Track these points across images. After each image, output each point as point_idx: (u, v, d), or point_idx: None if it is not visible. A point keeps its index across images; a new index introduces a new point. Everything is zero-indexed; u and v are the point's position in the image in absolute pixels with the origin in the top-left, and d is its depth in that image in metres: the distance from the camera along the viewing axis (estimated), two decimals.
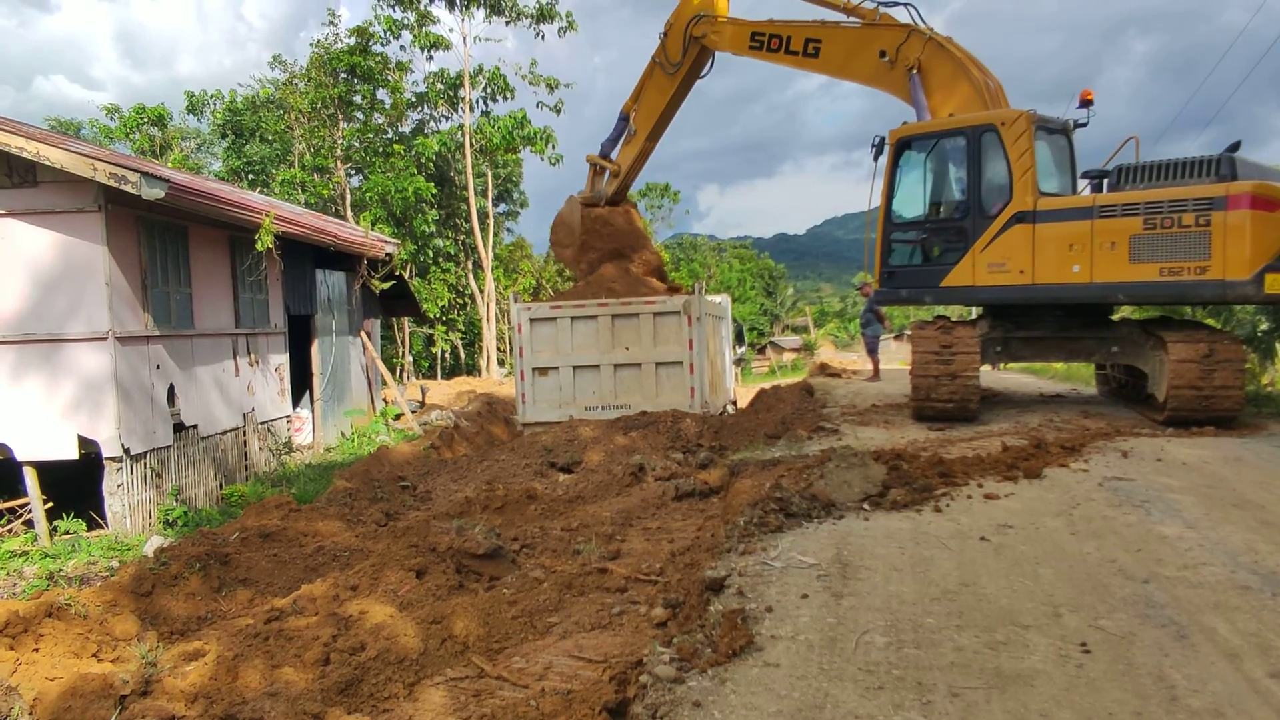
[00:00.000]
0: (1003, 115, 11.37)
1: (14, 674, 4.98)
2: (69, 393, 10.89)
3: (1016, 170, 11.16)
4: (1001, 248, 11.29)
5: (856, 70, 13.43)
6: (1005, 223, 11.28)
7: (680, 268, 59.45)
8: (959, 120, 11.76)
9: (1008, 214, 11.26)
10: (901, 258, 12.21)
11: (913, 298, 12.34)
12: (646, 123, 16.71)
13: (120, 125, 38.90)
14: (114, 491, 11.04)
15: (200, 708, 4.59)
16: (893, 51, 12.69)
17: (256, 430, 14.75)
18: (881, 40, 12.90)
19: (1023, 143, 11.17)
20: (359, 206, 34.99)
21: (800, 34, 13.95)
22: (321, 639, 5.38)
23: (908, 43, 12.55)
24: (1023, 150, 11.15)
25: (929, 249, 12.13)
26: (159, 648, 5.88)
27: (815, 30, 13.80)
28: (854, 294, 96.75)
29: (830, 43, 13.69)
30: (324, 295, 17.88)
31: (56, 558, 9.92)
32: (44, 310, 10.88)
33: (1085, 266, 10.92)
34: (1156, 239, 10.48)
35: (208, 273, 13.48)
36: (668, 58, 15.84)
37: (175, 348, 12.33)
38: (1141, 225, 10.56)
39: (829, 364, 24.95)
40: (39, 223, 10.81)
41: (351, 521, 9.10)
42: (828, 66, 13.80)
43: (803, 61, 14.05)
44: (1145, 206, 10.54)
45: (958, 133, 11.72)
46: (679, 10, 15.72)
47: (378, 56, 34.55)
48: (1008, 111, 11.40)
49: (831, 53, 13.65)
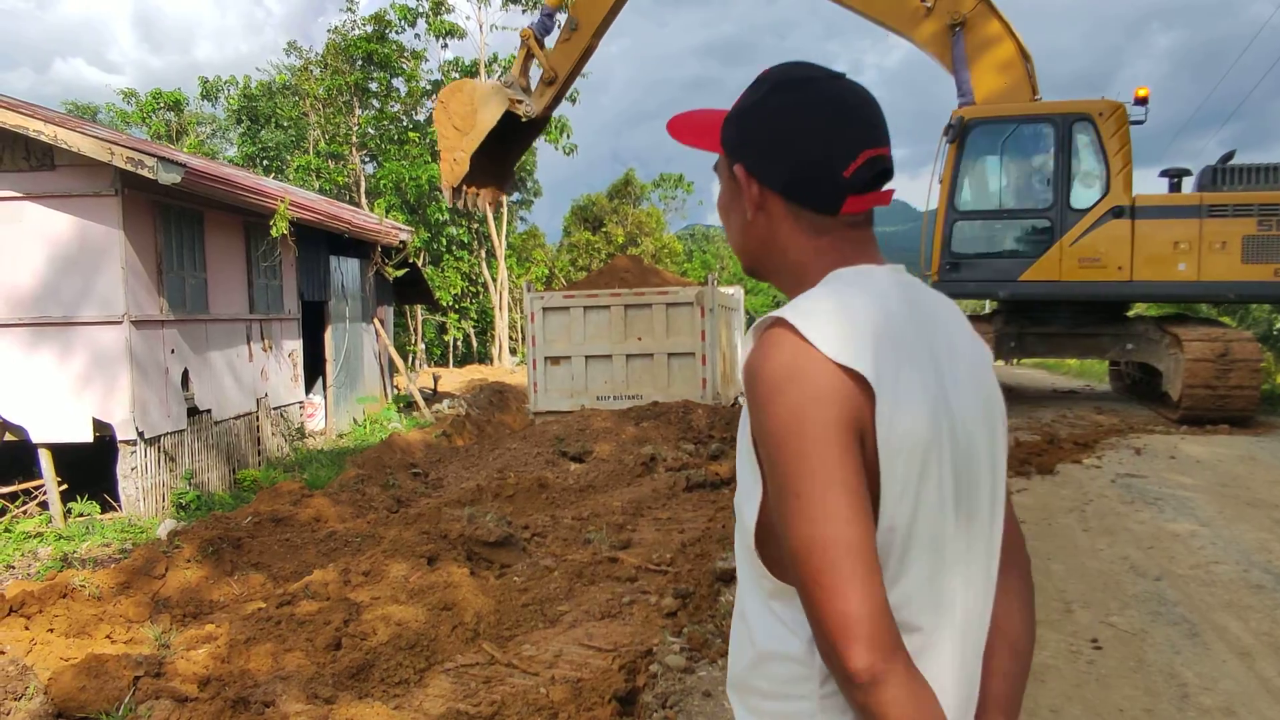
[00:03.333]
0: (1099, 105, 11.02)
1: (29, 654, 5.02)
2: (84, 375, 10.95)
3: (1114, 163, 10.89)
4: (1095, 243, 10.98)
5: (886, 7, 11.91)
6: (1100, 217, 11.00)
7: (693, 258, 59.34)
8: (1046, 106, 11.33)
9: (1103, 208, 10.96)
10: (967, 247, 11.63)
11: (983, 291, 11.87)
12: (595, 10, 12.75)
13: (137, 110, 38.99)
14: (128, 474, 11.10)
15: (212, 690, 4.62)
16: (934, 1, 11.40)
17: (269, 415, 14.81)
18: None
19: (1122, 135, 10.92)
20: (373, 194, 35.03)
21: None
22: (333, 624, 5.41)
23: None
24: (1121, 143, 10.89)
25: (1001, 240, 11.80)
26: (172, 630, 5.92)
27: None
28: None
29: None
30: (338, 282, 17.92)
31: (70, 539, 9.99)
32: (60, 293, 10.93)
33: (1192, 265, 10.77)
34: (1272, 240, 10.48)
35: (222, 258, 13.52)
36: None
37: (190, 332, 12.38)
38: (1256, 226, 10.51)
39: None
40: (56, 206, 10.86)
41: (363, 507, 9.13)
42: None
43: None
44: (1260, 208, 10.51)
45: (1044, 120, 11.22)
46: None
47: (394, 44, 34.53)
48: (1104, 102, 11.06)
49: None
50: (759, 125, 1.39)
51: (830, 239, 1.38)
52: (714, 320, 14.44)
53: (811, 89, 1.37)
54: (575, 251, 47.51)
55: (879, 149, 1.35)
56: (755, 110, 1.40)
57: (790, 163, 1.36)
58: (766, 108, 1.39)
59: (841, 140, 1.34)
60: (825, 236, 1.38)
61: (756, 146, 1.40)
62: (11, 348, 10.90)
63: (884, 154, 1.36)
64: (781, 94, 1.38)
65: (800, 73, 1.40)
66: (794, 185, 1.37)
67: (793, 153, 1.36)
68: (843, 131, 1.34)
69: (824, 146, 1.34)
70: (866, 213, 1.40)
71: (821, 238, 1.38)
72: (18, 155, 10.83)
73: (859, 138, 1.34)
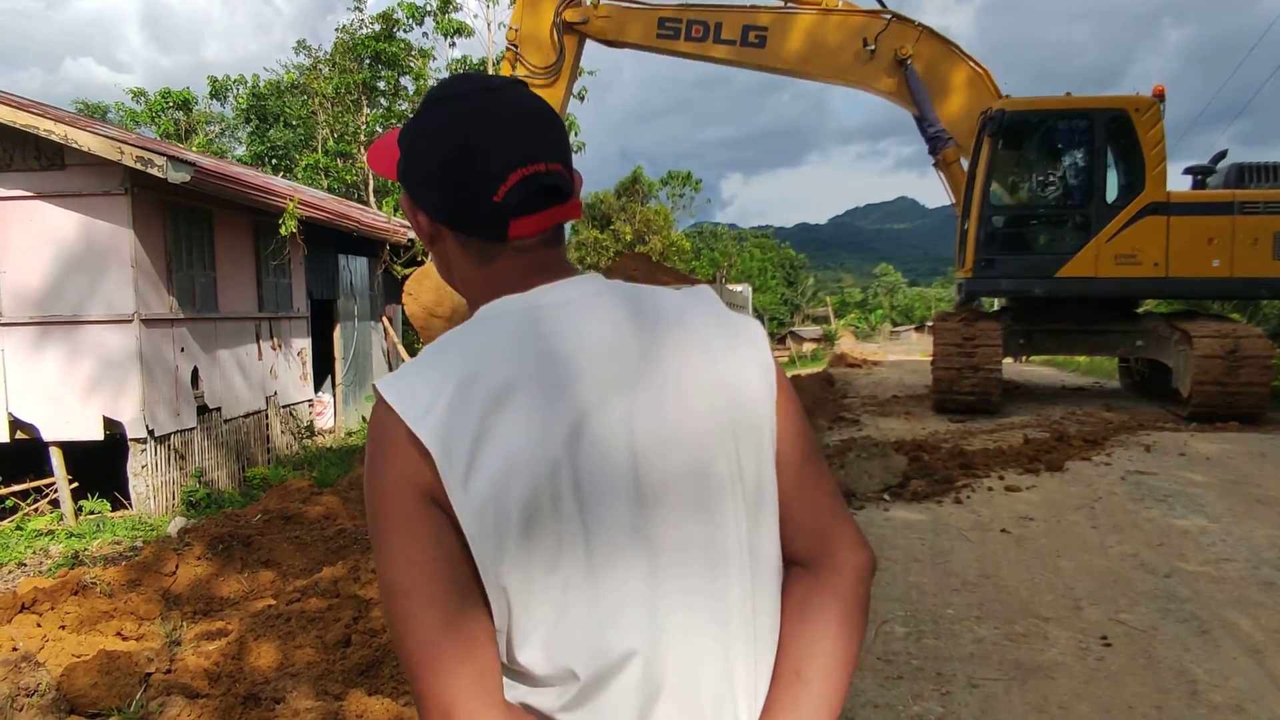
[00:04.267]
0: (1136, 101, 11.03)
1: (41, 650, 5.05)
2: (94, 374, 11.00)
3: (1151, 159, 10.92)
4: (1132, 239, 11.00)
5: (822, 63, 11.80)
6: (1136, 213, 11.01)
7: (701, 256, 59.36)
8: (1082, 101, 11.32)
9: (1139, 204, 10.97)
10: (1002, 244, 11.55)
11: (1017, 288, 11.77)
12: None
13: (146, 109, 39.13)
14: (138, 472, 11.15)
15: (223, 686, 4.64)
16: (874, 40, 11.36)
17: (279, 414, 14.86)
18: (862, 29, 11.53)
19: (1157, 131, 10.95)
20: (381, 192, 35.09)
21: (734, 20, 11.78)
22: (343, 620, 5.43)
23: (889, 30, 11.41)
24: (1157, 139, 10.92)
25: (1036, 236, 11.78)
26: (182, 626, 5.95)
27: (754, 16, 11.80)
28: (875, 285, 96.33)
29: (781, 31, 11.76)
30: (346, 280, 17.97)
31: (82, 537, 10.04)
32: (70, 292, 10.98)
33: (1226, 261, 10.85)
34: None
35: (232, 257, 13.56)
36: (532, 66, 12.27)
37: (199, 330, 12.42)
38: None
39: (849, 354, 24.83)
40: (66, 205, 10.91)
41: None
42: (775, 59, 11.91)
43: (738, 54, 11.91)
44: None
45: (1080, 114, 11.22)
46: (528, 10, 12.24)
47: (402, 42, 34.59)
48: (1140, 98, 11.07)
49: (782, 43, 11.77)
50: (412, 149, 1.29)
51: (500, 266, 1.26)
52: None
53: (459, 105, 1.25)
54: (583, 250, 47.53)
55: (534, 166, 1.22)
56: (410, 133, 1.30)
57: (443, 189, 1.25)
58: (420, 129, 1.28)
59: (487, 160, 1.21)
60: (494, 264, 1.26)
61: (413, 173, 1.29)
62: (22, 346, 10.95)
63: (540, 170, 1.22)
64: (433, 113, 1.27)
65: (455, 88, 1.29)
66: (451, 213, 1.26)
67: (442, 178, 1.24)
68: (488, 151, 1.21)
69: (470, 168, 1.22)
70: (550, 231, 1.27)
71: (489, 266, 1.26)
72: (28, 155, 10.89)
73: (507, 157, 1.21)
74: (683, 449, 1.19)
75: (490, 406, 1.11)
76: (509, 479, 1.10)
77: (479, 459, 1.10)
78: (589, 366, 1.17)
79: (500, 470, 1.10)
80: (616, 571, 1.15)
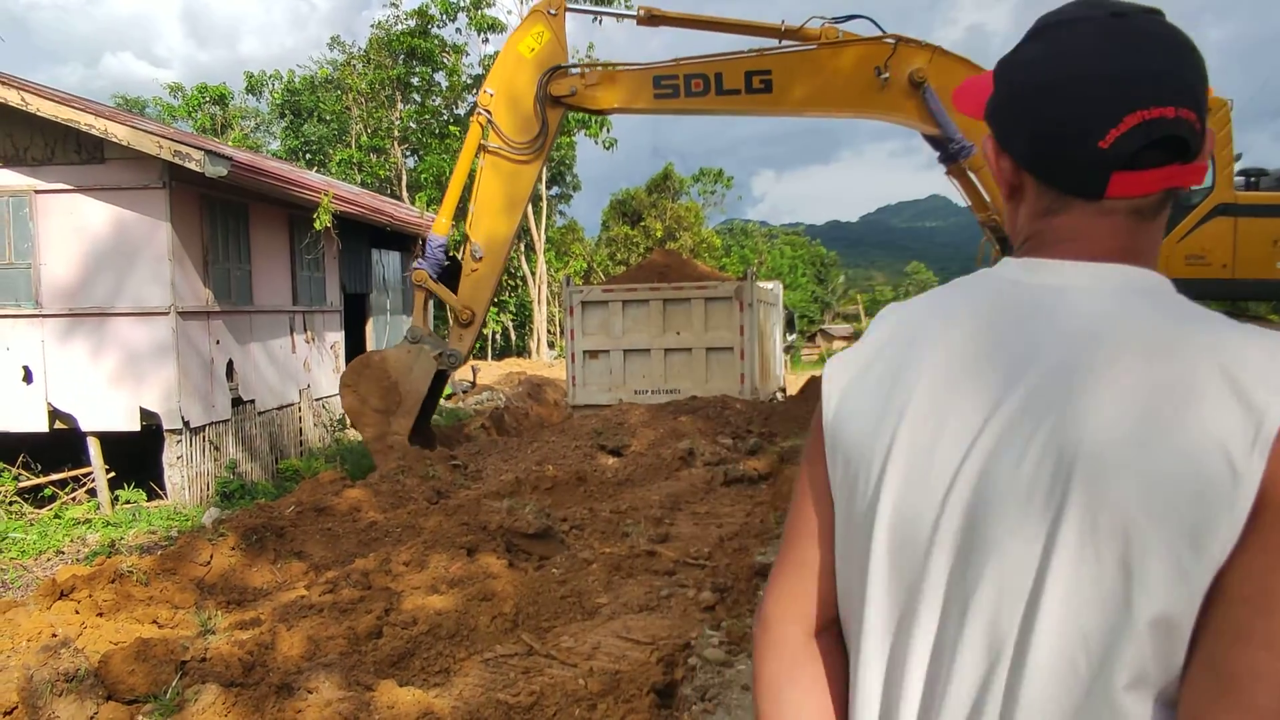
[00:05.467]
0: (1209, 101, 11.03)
1: (80, 637, 5.12)
2: (131, 365, 11.14)
3: (1220, 160, 10.85)
4: (1201, 240, 10.98)
5: (836, 98, 11.30)
6: (1207, 213, 10.98)
7: (731, 253, 59.23)
8: None
9: (1209, 205, 10.95)
10: None
11: None
12: (501, 237, 11.59)
13: (183, 104, 39.59)
14: (173, 463, 11.29)
15: (257, 675, 4.69)
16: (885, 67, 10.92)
17: (311, 406, 14.99)
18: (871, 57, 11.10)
19: (1228, 131, 10.89)
20: (414, 187, 35.31)
21: (735, 68, 11.10)
22: (374, 612, 5.47)
23: (899, 55, 11.02)
24: (1226, 140, 10.88)
25: None
26: (216, 616, 6.02)
27: (756, 61, 11.21)
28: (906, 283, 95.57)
29: (787, 72, 11.19)
30: (379, 275, 18.09)
31: (118, 526, 10.18)
32: (108, 284, 11.13)
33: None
34: None
35: (267, 250, 13.69)
36: (508, 139, 11.20)
37: (235, 323, 12.55)
38: None
39: None
40: (106, 198, 11.05)
41: (403, 498, 9.21)
42: (786, 101, 11.34)
43: (745, 102, 11.25)
44: None
45: None
46: (507, 73, 11.28)
47: (436, 38, 34.76)
48: (1214, 98, 11.06)
49: (791, 84, 11.24)
50: (1005, 83, 1.13)
51: (1060, 222, 1.09)
52: (753, 315, 14.40)
53: (1068, 31, 1.07)
54: (614, 246, 47.57)
55: (1159, 109, 1.01)
56: (1005, 65, 1.14)
57: (1035, 130, 1.08)
58: (1016, 60, 1.12)
59: (1097, 98, 1.02)
60: (1055, 218, 1.10)
61: (1002, 111, 1.14)
62: (61, 337, 11.12)
63: (1166, 116, 1.01)
64: (1033, 41, 1.10)
65: (1068, 12, 1.09)
66: (1039, 158, 1.09)
67: (1037, 117, 1.07)
68: (1100, 87, 1.02)
69: (1074, 106, 1.04)
70: (1157, 196, 1.07)
71: (1050, 219, 1.10)
72: (69, 149, 11.04)
73: (1124, 95, 1.01)
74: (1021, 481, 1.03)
75: (858, 372, 1.17)
76: (841, 438, 1.17)
77: (831, 413, 1.18)
78: (1001, 368, 1.04)
79: (840, 430, 1.17)
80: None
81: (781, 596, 1.25)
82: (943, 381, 1.06)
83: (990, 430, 1.01)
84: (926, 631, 1.06)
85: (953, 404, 1.05)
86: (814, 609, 1.22)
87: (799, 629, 1.23)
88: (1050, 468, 0.96)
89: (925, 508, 1.05)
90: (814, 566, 1.22)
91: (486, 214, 11.45)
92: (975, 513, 1.01)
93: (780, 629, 1.24)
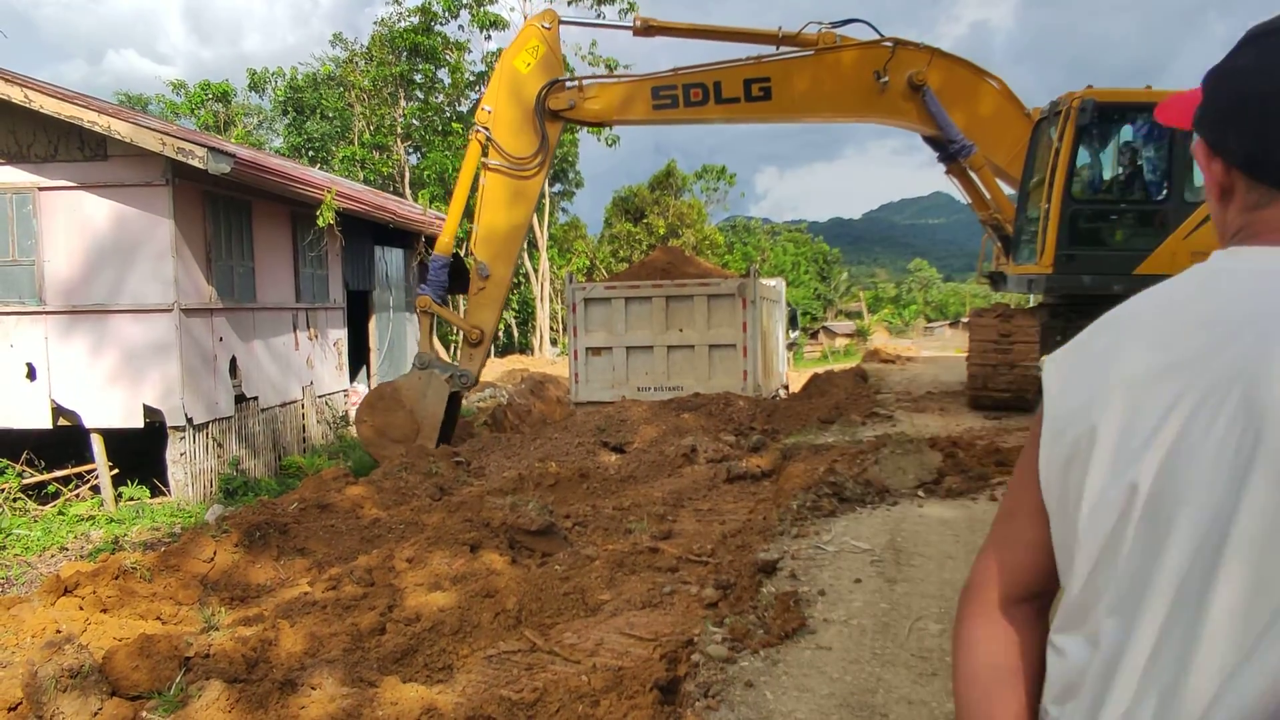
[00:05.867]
0: None
1: (84, 633, 5.13)
2: (135, 362, 11.16)
3: None
4: (1207, 236, 10.89)
5: (837, 103, 11.39)
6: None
7: (734, 250, 59.19)
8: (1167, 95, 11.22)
9: None
10: (1083, 239, 11.20)
11: (1099, 285, 11.56)
12: (506, 254, 11.79)
13: (186, 101, 39.59)
14: (177, 460, 11.30)
15: (260, 671, 4.70)
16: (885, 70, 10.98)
17: (314, 403, 15.00)
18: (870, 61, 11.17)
19: None
20: (417, 184, 35.29)
21: (734, 76, 11.09)
22: (377, 609, 5.48)
23: (898, 59, 11.09)
24: None
25: (1114, 232, 11.59)
26: (219, 612, 6.03)
27: (754, 69, 11.21)
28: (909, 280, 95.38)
29: (786, 79, 11.22)
30: (382, 272, 18.10)
31: (121, 523, 10.20)
32: (112, 281, 11.14)
33: None
34: None
35: (270, 247, 13.70)
36: (508, 155, 11.38)
37: (238, 320, 12.56)
38: None
39: (882, 350, 24.64)
40: (108, 195, 11.06)
41: (406, 495, 9.22)
42: (786, 108, 11.40)
43: (745, 110, 11.25)
44: None
45: None
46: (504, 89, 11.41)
47: (439, 35, 34.73)
48: None
49: (790, 91, 11.30)
50: (1216, 90, 1.21)
51: (1266, 215, 1.17)
52: (756, 312, 14.39)
53: (1277, 40, 1.15)
54: (616, 243, 47.54)
55: None
56: (1219, 74, 1.22)
57: (1248, 132, 1.15)
58: (1229, 68, 1.20)
59: None
60: (1263, 211, 1.17)
61: (1213, 115, 1.21)
62: (64, 334, 11.13)
63: None
64: (1249, 49, 1.18)
65: (1277, 23, 1.17)
66: (1252, 158, 1.16)
67: (1249, 119, 1.15)
68: None
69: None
70: None
71: (1257, 212, 1.18)
72: (72, 146, 11.05)
73: None
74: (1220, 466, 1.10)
75: (1075, 360, 1.26)
76: (1079, 408, 1.22)
77: (1051, 398, 1.27)
78: (1201, 343, 1.11)
79: (1057, 411, 1.25)
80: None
81: (989, 566, 1.37)
82: (1145, 359, 1.15)
83: (1187, 398, 1.09)
84: (1136, 592, 1.12)
85: (1155, 377, 1.13)
86: (1017, 579, 1.34)
87: (1001, 596, 1.35)
88: (1240, 427, 1.04)
89: (1128, 477, 1.13)
90: (1023, 541, 1.33)
91: (491, 232, 11.59)
92: (1168, 475, 1.10)
93: (984, 594, 1.37)
